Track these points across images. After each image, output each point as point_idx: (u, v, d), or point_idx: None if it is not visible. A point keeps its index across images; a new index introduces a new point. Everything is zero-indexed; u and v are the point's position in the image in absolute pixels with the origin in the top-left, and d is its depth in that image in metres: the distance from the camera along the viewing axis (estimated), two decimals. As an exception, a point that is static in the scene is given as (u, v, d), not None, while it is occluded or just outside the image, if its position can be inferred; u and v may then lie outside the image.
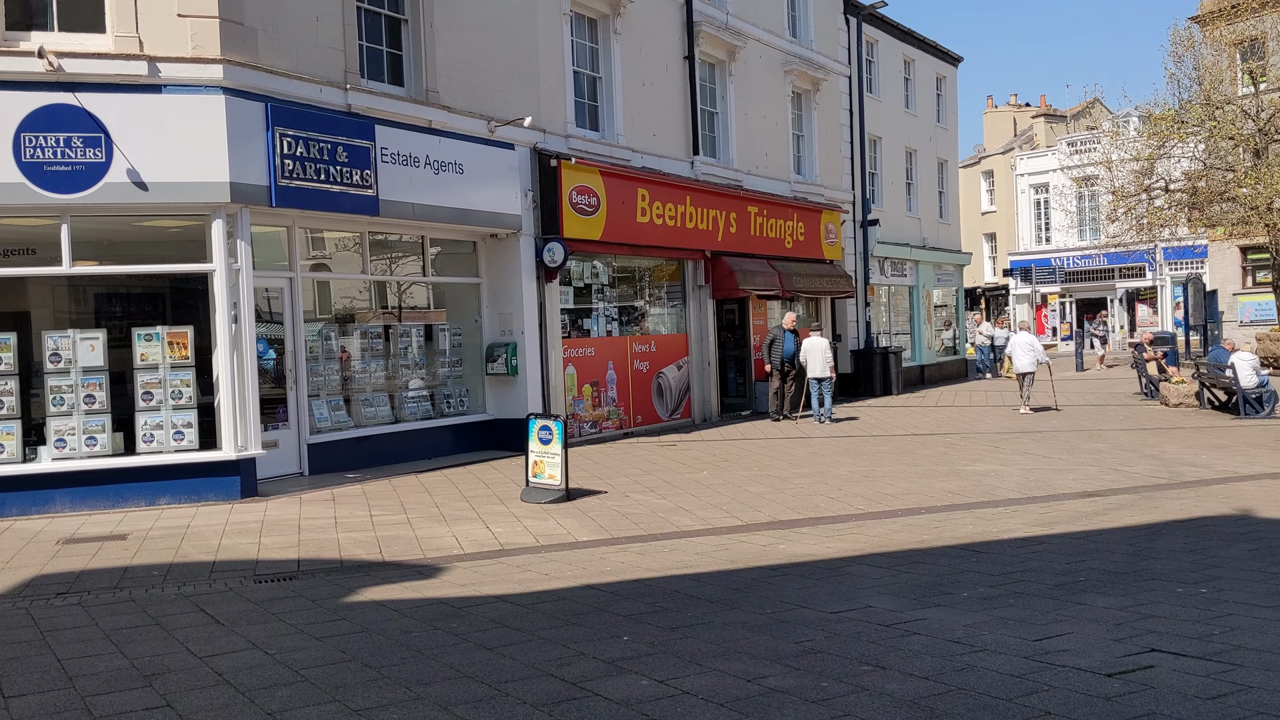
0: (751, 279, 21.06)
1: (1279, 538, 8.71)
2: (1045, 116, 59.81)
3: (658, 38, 19.58)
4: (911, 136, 31.68)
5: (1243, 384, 19.05)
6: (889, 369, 26.35)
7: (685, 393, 20.37)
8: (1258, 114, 30.76)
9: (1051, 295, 53.63)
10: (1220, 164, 31.79)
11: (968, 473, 13.17)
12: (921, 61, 32.37)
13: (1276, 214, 29.78)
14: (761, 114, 22.91)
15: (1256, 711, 4.72)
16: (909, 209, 31.59)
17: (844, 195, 26.56)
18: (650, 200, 18.42)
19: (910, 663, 5.67)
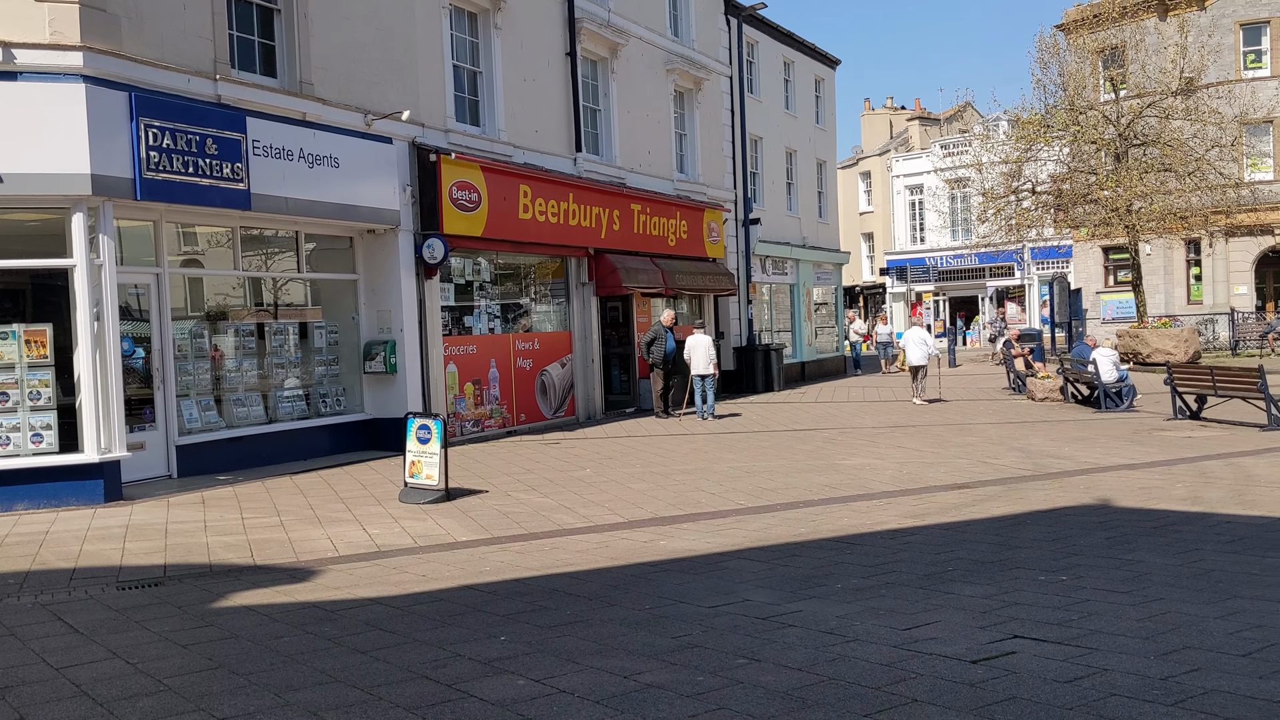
0: (635, 277, 21.13)
1: (1135, 526, 9.09)
2: (920, 120, 61.46)
3: (539, 33, 19.49)
4: (792, 137, 32.19)
5: (1103, 379, 19.86)
6: (771, 366, 26.75)
7: (569, 390, 20.33)
8: (1118, 119, 32.10)
9: (926, 293, 55.13)
10: (1083, 167, 33.11)
11: (844, 467, 13.44)
12: (801, 63, 32.92)
13: (1136, 216, 31.13)
14: (644, 112, 22.99)
15: (1109, 693, 4.91)
16: (790, 208, 32.10)
17: (726, 194, 26.84)
18: (533, 197, 18.33)
19: (784, 654, 5.74)
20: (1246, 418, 16.94)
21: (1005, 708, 4.78)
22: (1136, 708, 4.70)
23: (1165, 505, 10.07)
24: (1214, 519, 9.27)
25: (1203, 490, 10.81)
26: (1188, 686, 4.94)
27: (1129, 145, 31.89)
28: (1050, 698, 4.88)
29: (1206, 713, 4.60)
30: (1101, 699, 4.83)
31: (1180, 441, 15.02)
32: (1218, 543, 8.24)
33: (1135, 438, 15.63)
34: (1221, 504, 9.99)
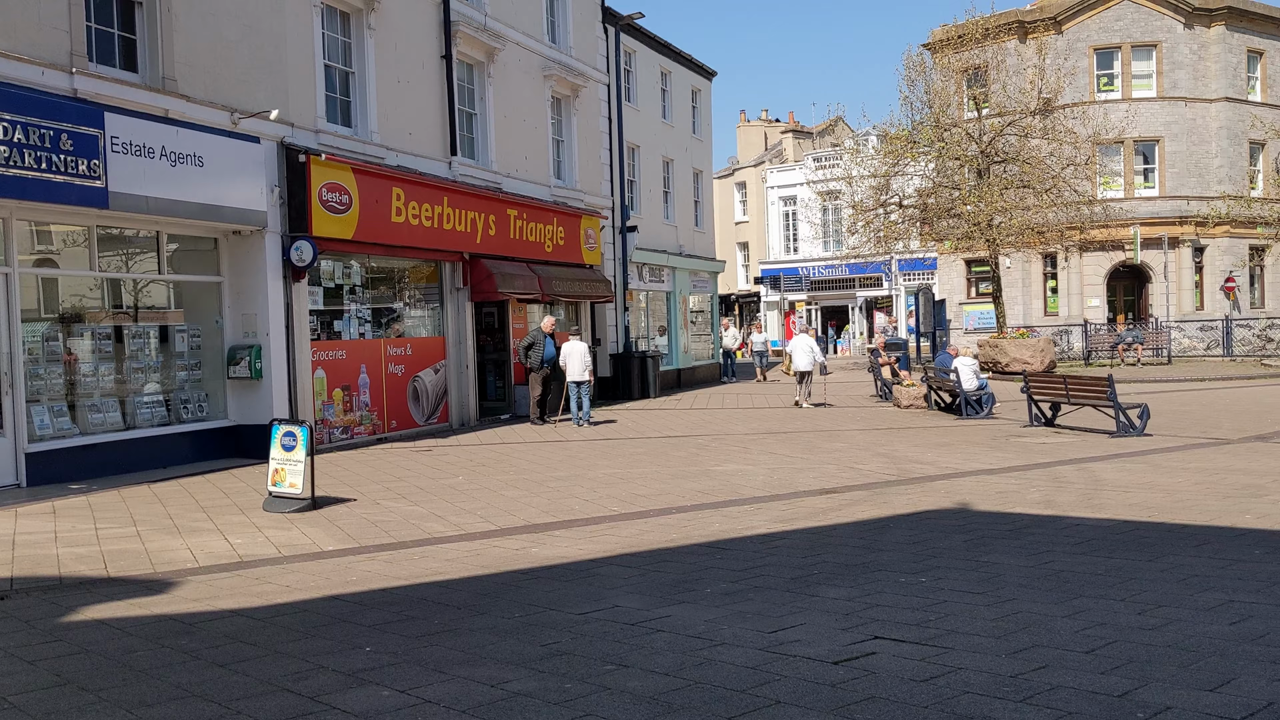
0: (511, 282, 21.02)
1: (991, 529, 9.43)
2: (794, 133, 62.69)
3: (414, 35, 19.25)
4: (669, 146, 32.49)
5: (964, 387, 20.54)
6: (647, 373, 26.92)
7: (443, 397, 20.09)
8: (980, 137, 33.31)
9: (799, 303, 56.21)
10: (948, 182, 34.24)
11: (717, 473, 13.60)
12: (678, 74, 33.26)
13: (996, 230, 32.33)
14: (521, 117, 22.91)
15: (963, 691, 5.08)
16: (667, 217, 32.38)
17: (604, 201, 26.93)
18: (406, 200, 18.08)
19: (652, 660, 5.78)
20: (1097, 425, 17.71)
21: (864, 707, 4.91)
22: (987, 704, 4.88)
23: (1020, 509, 10.46)
24: (1065, 522, 9.67)
25: (1055, 494, 11.27)
26: (1035, 683, 5.15)
27: (990, 162, 33.12)
28: (907, 696, 5.03)
29: (1051, 708, 4.80)
30: (955, 696, 5.00)
31: (1036, 447, 15.62)
32: (1068, 545, 8.61)
33: (994, 444, 16.19)
34: (1072, 507, 10.43)
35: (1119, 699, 4.88)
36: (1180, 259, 43.42)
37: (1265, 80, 45.64)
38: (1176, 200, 43.23)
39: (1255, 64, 45.37)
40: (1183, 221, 42.94)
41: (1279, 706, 4.69)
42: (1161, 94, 43.57)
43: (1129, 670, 5.30)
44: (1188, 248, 43.42)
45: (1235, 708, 4.70)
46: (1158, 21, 43.77)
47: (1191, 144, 43.59)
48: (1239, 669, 5.23)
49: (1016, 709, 4.81)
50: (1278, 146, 43.84)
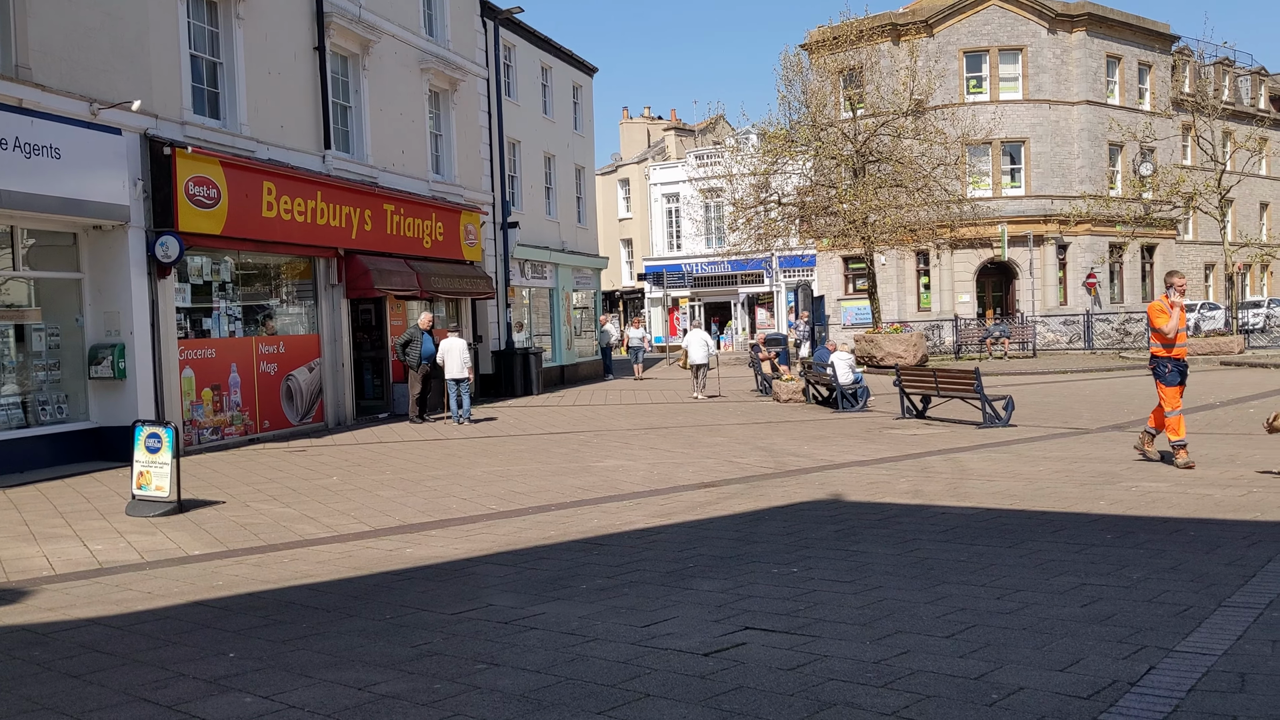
0: (388, 278, 20.70)
1: (862, 519, 9.64)
2: (676, 130, 63.15)
3: (285, 26, 18.79)
4: (550, 142, 32.39)
5: (840, 381, 20.98)
6: (529, 369, 26.81)
7: (318, 396, 19.68)
8: (855, 136, 34.02)
9: (683, 299, 56.68)
10: (825, 181, 34.89)
11: (598, 469, 13.61)
12: (559, 69, 33.18)
13: (871, 228, 33.08)
14: (398, 111, 22.57)
15: (828, 678, 5.18)
16: (549, 213, 32.28)
17: (484, 197, 26.71)
18: (278, 194, 17.65)
19: (524, 657, 5.76)
20: (965, 416, 18.27)
21: (732, 697, 4.97)
22: (851, 690, 4.99)
23: (890, 499, 10.72)
24: (932, 511, 9.95)
25: (923, 484, 11.58)
26: (897, 668, 5.28)
27: (865, 161, 33.86)
28: (774, 685, 5.11)
29: (911, 691, 4.93)
30: (820, 683, 5.10)
31: (907, 439, 16.03)
32: (933, 533, 8.85)
33: (868, 436, 16.57)
34: (939, 497, 10.73)
35: (975, 680, 5.05)
36: (1045, 256, 45.11)
37: (1123, 84, 47.70)
38: (1041, 199, 44.91)
39: (1114, 69, 47.38)
40: (1047, 220, 44.63)
41: (1123, 684, 4.90)
42: (1027, 96, 45.19)
43: (986, 653, 5.48)
44: (1052, 245, 45.15)
45: (1082, 686, 4.90)
46: (1023, 26, 45.36)
47: (1055, 145, 45.31)
48: (1087, 649, 5.46)
49: (878, 693, 4.93)
50: (1135, 148, 45.85)
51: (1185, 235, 52.23)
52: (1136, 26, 47.92)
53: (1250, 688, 4.78)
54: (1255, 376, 24.87)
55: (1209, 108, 40.33)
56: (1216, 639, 5.52)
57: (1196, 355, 31.46)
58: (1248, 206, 55.50)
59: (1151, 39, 48.91)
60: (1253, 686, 4.79)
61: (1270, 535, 8.04)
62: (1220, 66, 55.47)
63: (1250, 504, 9.43)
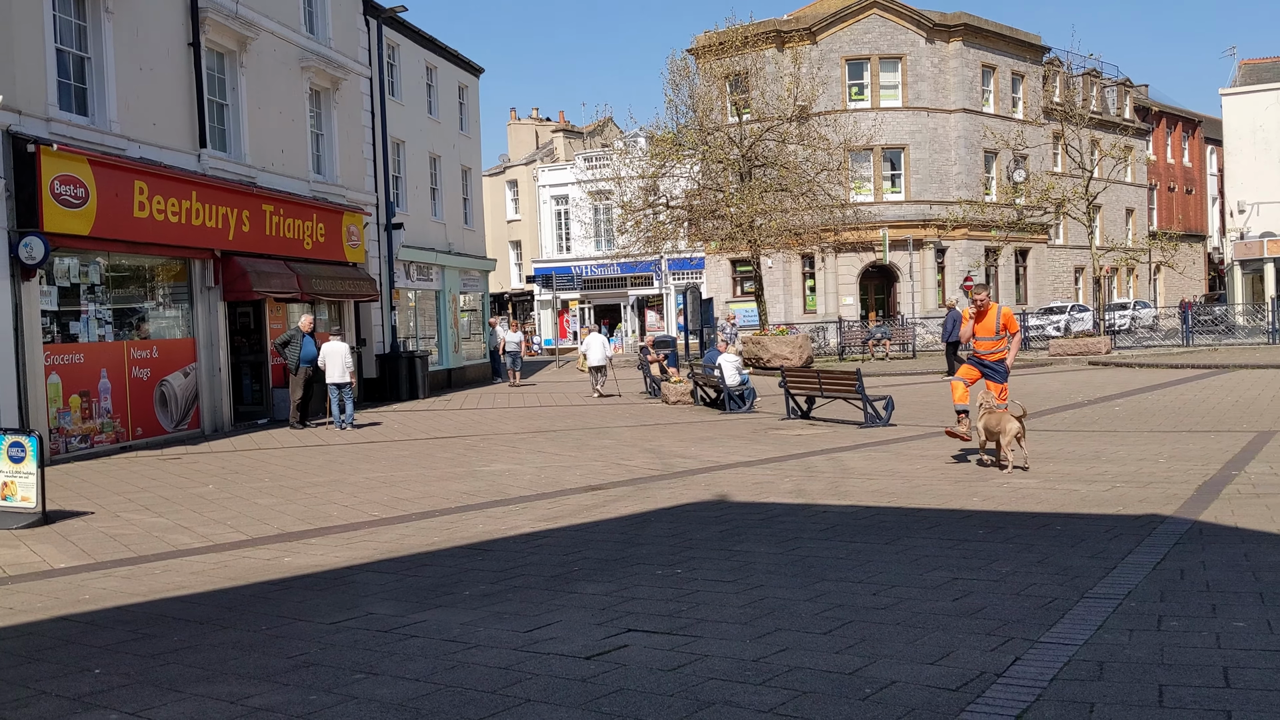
0: (267, 281, 20.21)
1: (746, 519, 9.76)
2: (564, 132, 63.08)
3: (158, 20, 18.20)
4: (436, 142, 32.04)
5: (728, 382, 21.22)
6: (415, 373, 26.47)
7: (194, 401, 19.10)
8: (741, 141, 34.47)
9: (572, 301, 56.62)
10: (712, 185, 35.27)
11: (484, 473, 13.51)
12: (444, 69, 32.85)
13: (757, 231, 33.55)
14: (277, 109, 22.05)
15: (708, 677, 5.23)
16: (435, 214, 31.93)
17: (367, 197, 26.28)
18: (150, 194, 17.08)
19: (404, 666, 5.68)
20: (848, 416, 18.65)
21: (613, 699, 4.98)
22: (730, 689, 5.04)
23: (774, 498, 10.88)
24: (813, 509, 10.12)
25: (806, 484, 11.78)
26: (775, 665, 5.36)
27: (751, 166, 34.34)
28: (655, 686, 5.13)
29: (789, 688, 5.01)
30: (700, 683, 5.14)
31: (792, 439, 16.29)
32: (814, 531, 9.01)
33: (754, 437, 16.79)
34: (821, 495, 10.93)
35: (850, 675, 5.15)
36: (924, 259, 46.36)
37: (998, 93, 49.30)
38: (920, 205, 46.14)
39: (989, 78, 48.94)
40: (926, 225, 45.88)
41: (990, 675, 5.05)
42: (907, 104, 46.38)
43: (862, 648, 5.59)
44: (931, 249, 46.42)
45: (951, 678, 5.04)
46: (902, 35, 46.54)
47: (933, 152, 46.60)
48: (958, 642, 5.62)
49: (756, 691, 4.99)
50: (1008, 156, 47.42)
51: (1056, 240, 54.23)
52: (1010, 37, 49.61)
53: (1108, 676, 4.98)
54: (1121, 376, 25.94)
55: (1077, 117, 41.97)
56: (1078, 629, 5.74)
57: (1066, 356, 32.66)
58: (1114, 212, 57.89)
59: (1024, 50, 50.69)
60: (1110, 675, 4.99)
61: (1131, 529, 8.39)
62: (1088, 77, 57.78)
63: (1113, 498, 9.82)
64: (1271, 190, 51.57)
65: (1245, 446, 12.78)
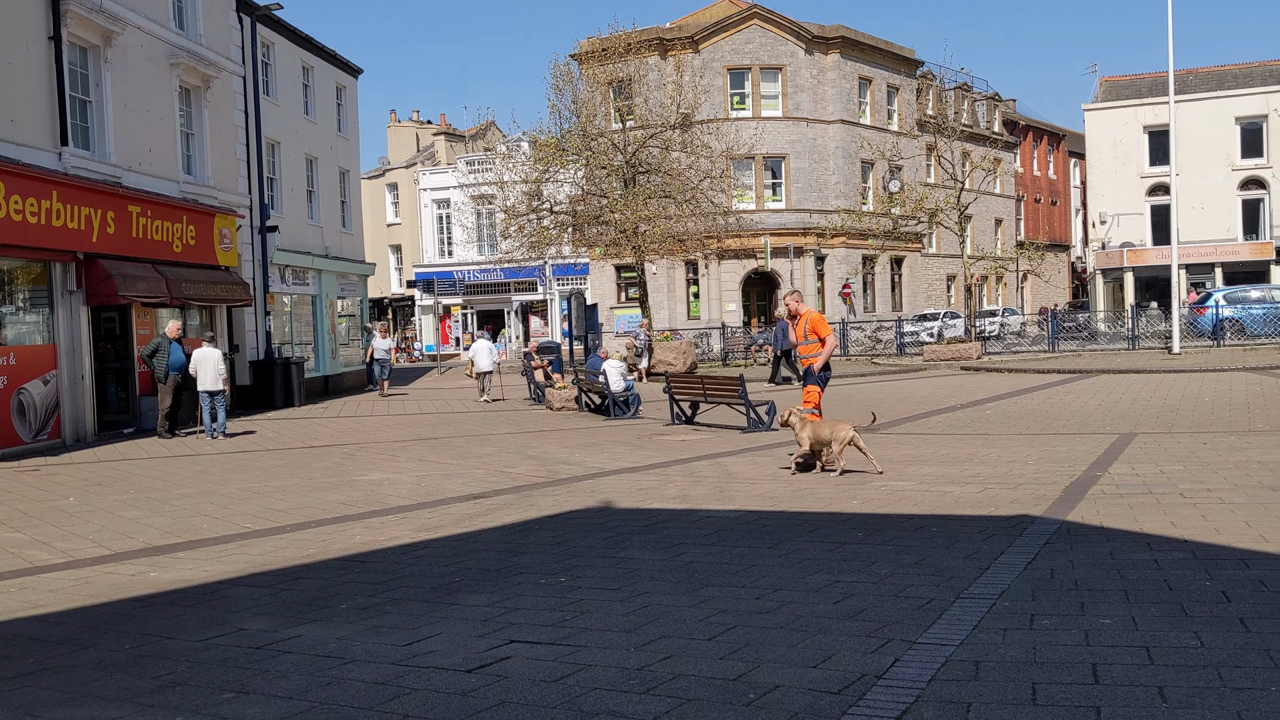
0: (134, 284, 19.44)
1: (630, 525, 9.73)
2: (446, 135, 62.41)
3: (14, 12, 17.37)
4: (312, 144, 31.32)
5: (612, 388, 21.21)
6: (290, 380, 25.80)
7: (54, 410, 18.24)
8: (625, 148, 34.58)
9: (455, 307, 56.01)
10: (596, 190, 35.32)
11: (362, 483, 13.21)
12: (321, 69, 32.14)
13: (641, 238, 33.70)
14: (145, 107, 21.26)
15: (592, 687, 5.17)
16: (311, 217, 31.19)
17: (240, 199, 25.53)
18: (6, 193, 16.29)
19: (276, 684, 5.47)
20: (731, 421, 18.81)
21: (494, 713, 4.87)
22: (614, 699, 4.98)
23: (658, 504, 10.88)
24: (698, 515, 10.15)
25: (690, 489, 11.82)
26: (660, 673, 5.32)
27: (635, 172, 34.49)
28: (537, 699, 5.05)
29: (673, 696, 4.98)
30: (584, 694, 5.07)
31: (676, 445, 16.34)
32: (699, 536, 9.03)
33: (638, 442, 16.79)
34: (705, 500, 10.97)
35: (734, 681, 5.14)
36: (805, 267, 47.17)
37: (874, 105, 50.51)
38: (801, 213, 46.94)
39: (865, 90, 50.11)
40: (806, 233, 46.70)
41: (870, 677, 5.11)
42: (787, 114, 47.15)
43: (745, 653, 5.60)
44: (811, 257, 47.28)
45: (833, 681, 5.08)
46: (783, 46, 47.32)
47: (813, 161, 47.48)
48: (839, 645, 5.67)
49: (640, 700, 4.94)
50: (884, 166, 48.61)
51: (930, 248, 55.81)
52: (885, 51, 50.89)
53: (983, 675, 5.08)
54: (992, 380, 26.78)
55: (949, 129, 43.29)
56: (955, 630, 5.84)
57: (940, 361, 33.57)
58: (984, 222, 59.84)
59: (899, 63, 52.05)
60: (985, 674, 5.09)
61: (1003, 529, 8.62)
62: (959, 91, 59.65)
63: (986, 500, 10.09)
64: (1131, 202, 54.00)
65: (1108, 448, 13.29)
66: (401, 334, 61.31)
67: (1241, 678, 4.87)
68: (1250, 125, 51.77)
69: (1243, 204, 52.28)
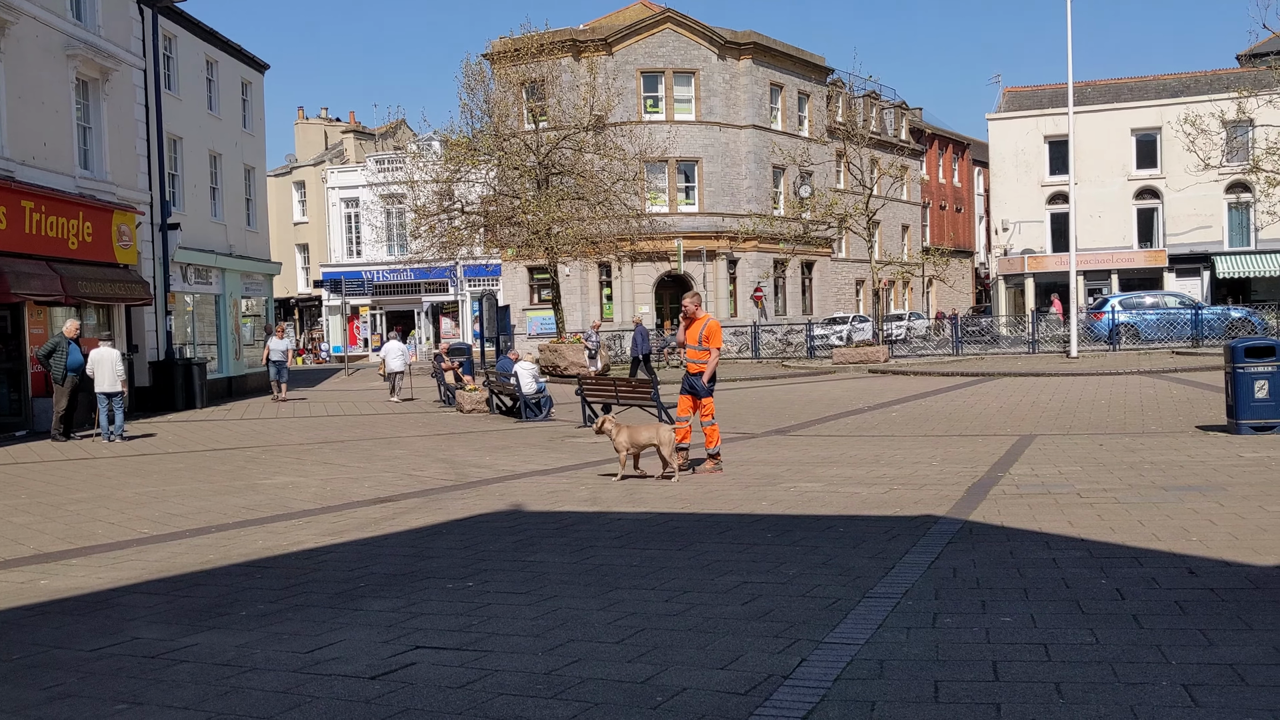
0: (26, 282, 18.77)
1: (540, 528, 9.67)
2: (355, 133, 61.50)
3: (-101, -4, 16.65)
4: (216, 140, 30.60)
5: (524, 390, 21.09)
6: (193, 381, 25.16)
7: (-60, 413, 17.52)
8: (538, 148, 34.42)
9: (363, 307, 55.19)
10: (509, 191, 35.09)
11: (265, 486, 12.92)
12: (226, 64, 31.42)
13: (554, 239, 33.58)
14: (40, 100, 20.54)
15: (498, 693, 5.11)
16: (215, 215, 30.47)
17: (140, 196, 24.82)
18: (-112, 186, 15.58)
19: (172, 694, 5.31)
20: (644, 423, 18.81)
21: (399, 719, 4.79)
22: (520, 704, 4.93)
23: (569, 507, 10.83)
24: (608, 517, 10.13)
25: (601, 491, 11.79)
26: (567, 677, 5.29)
27: (548, 173, 34.35)
28: (442, 705, 4.97)
29: (580, 701, 4.95)
30: (490, 699, 5.01)
31: (588, 447, 16.29)
32: (609, 539, 9.01)
33: (550, 445, 16.72)
34: (616, 503, 10.95)
35: (642, 685, 5.13)
36: (717, 270, 47.52)
37: (785, 111, 51.10)
38: (713, 216, 47.28)
39: (777, 96, 50.67)
40: (719, 236, 47.05)
41: (777, 678, 5.13)
42: (700, 118, 47.47)
43: (654, 656, 5.59)
44: (724, 260, 47.64)
45: (740, 682, 5.09)
46: (695, 51, 47.62)
47: (725, 165, 47.86)
48: (747, 646, 5.69)
49: (547, 705, 4.90)
50: (795, 171, 49.23)
51: (839, 253, 56.65)
52: (796, 58, 51.52)
53: (888, 674, 5.14)
54: (898, 383, 27.26)
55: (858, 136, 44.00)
56: (860, 629, 5.91)
57: (849, 364, 34.06)
58: (892, 228, 60.96)
59: (809, 70, 52.75)
60: (890, 672, 5.16)
61: (908, 529, 8.76)
62: (868, 99, 60.68)
63: (892, 500, 10.25)
64: (1032, 210, 55.48)
65: (1009, 449, 13.61)
66: (309, 335, 60.22)
67: (1134, 673, 5.01)
68: (1145, 137, 53.56)
69: (1138, 213, 54.07)
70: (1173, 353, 32.48)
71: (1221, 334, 33.73)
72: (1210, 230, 52.13)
